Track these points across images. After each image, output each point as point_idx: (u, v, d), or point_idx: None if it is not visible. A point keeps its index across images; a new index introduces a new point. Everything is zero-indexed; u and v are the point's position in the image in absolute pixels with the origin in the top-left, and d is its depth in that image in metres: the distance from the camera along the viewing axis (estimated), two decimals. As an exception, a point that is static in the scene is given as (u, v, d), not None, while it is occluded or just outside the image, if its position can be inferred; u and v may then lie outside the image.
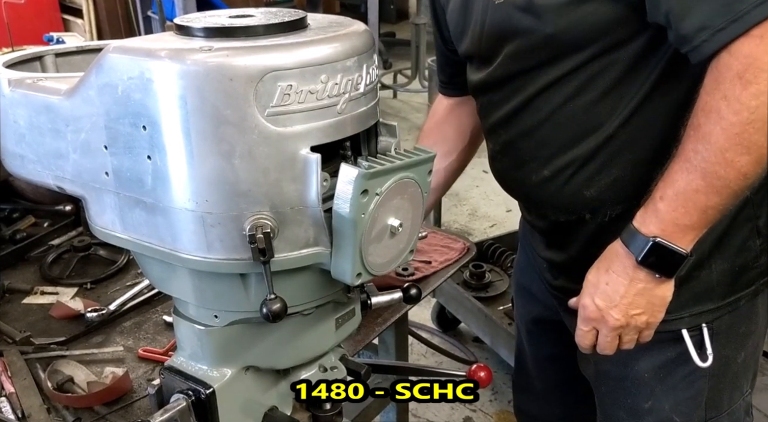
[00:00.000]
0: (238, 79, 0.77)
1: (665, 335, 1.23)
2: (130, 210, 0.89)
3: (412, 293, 1.06)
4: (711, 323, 1.22)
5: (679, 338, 1.23)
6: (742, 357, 1.28)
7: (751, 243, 1.21)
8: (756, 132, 0.96)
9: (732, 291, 1.22)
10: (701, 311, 1.22)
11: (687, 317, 1.22)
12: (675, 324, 1.22)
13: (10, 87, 0.94)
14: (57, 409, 1.30)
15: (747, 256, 1.21)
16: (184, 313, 0.96)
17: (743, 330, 1.27)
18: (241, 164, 0.80)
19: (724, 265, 1.20)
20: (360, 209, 0.82)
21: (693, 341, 1.22)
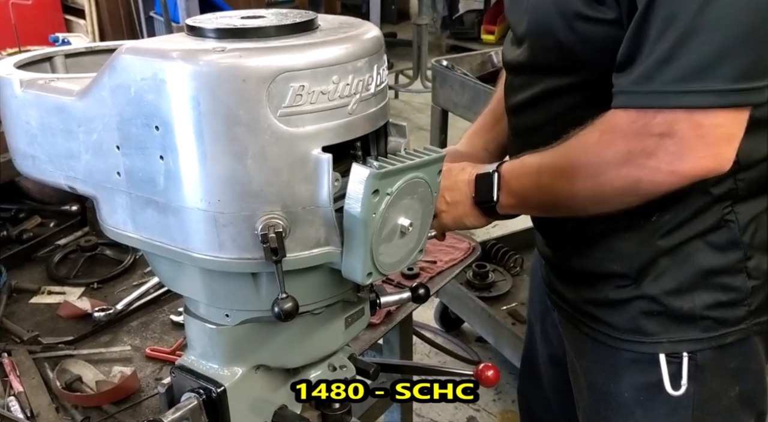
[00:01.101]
0: (250, 80, 0.77)
1: (645, 357, 1.22)
2: (142, 210, 0.89)
3: (420, 293, 1.07)
4: (693, 354, 1.20)
5: (656, 362, 1.21)
6: (737, 392, 1.24)
7: (739, 284, 1.18)
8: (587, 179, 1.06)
9: (717, 326, 1.19)
10: (682, 339, 1.20)
11: (666, 342, 1.20)
12: (653, 347, 1.21)
13: (22, 88, 0.95)
14: (66, 408, 1.31)
15: (733, 295, 1.18)
16: (195, 312, 0.97)
17: (735, 366, 1.23)
18: (254, 164, 0.80)
19: (707, 299, 1.18)
20: (371, 208, 0.82)
21: (669, 367, 1.21)
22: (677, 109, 0.95)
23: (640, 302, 1.21)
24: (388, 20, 8.25)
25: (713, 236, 1.16)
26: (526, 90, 1.25)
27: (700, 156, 0.97)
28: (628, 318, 1.22)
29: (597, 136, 1.05)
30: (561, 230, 1.29)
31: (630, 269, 1.20)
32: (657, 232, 1.17)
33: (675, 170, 0.98)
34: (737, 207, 1.16)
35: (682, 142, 0.96)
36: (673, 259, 1.17)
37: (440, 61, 2.95)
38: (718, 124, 0.96)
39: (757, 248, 1.18)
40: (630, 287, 1.21)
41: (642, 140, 0.99)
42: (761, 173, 1.15)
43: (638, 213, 1.15)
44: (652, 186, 1.02)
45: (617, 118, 1.02)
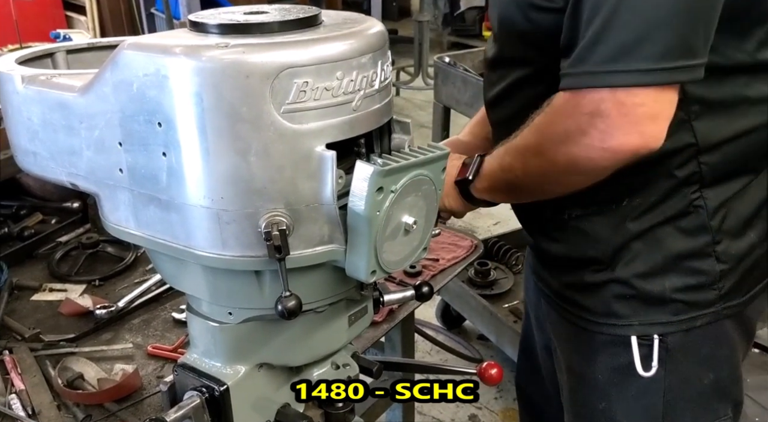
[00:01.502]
0: (254, 76, 0.77)
1: (617, 339, 1.25)
2: (144, 207, 0.88)
3: (424, 291, 1.06)
4: (664, 336, 1.22)
5: (628, 344, 1.24)
6: (711, 379, 1.26)
7: (708, 268, 1.20)
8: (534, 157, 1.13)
9: (687, 309, 1.21)
10: (653, 322, 1.22)
11: (637, 325, 1.23)
12: (625, 330, 1.24)
13: (24, 84, 0.94)
14: (67, 406, 1.31)
15: (703, 279, 1.21)
16: (198, 310, 0.96)
17: (708, 352, 1.25)
18: (257, 161, 0.79)
19: (677, 282, 1.20)
20: (375, 206, 0.82)
21: (640, 350, 1.23)
22: (602, 88, 1.00)
23: (613, 286, 1.23)
24: (389, 17, 8.24)
25: (683, 221, 1.19)
26: (499, 83, 1.30)
27: (627, 133, 1.01)
28: (602, 301, 1.25)
29: (543, 117, 1.11)
30: (539, 218, 1.33)
31: (604, 253, 1.23)
32: (628, 216, 1.20)
33: (606, 147, 1.02)
34: (705, 192, 1.18)
35: (608, 120, 1.01)
36: (645, 243, 1.20)
37: (442, 58, 2.94)
38: (639, 102, 1.00)
39: (726, 232, 1.20)
40: (605, 271, 1.24)
41: (575, 119, 1.04)
42: (725, 157, 1.17)
43: (610, 198, 1.20)
44: (588, 163, 1.06)
45: (557, 99, 1.08)
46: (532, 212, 1.35)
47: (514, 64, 1.25)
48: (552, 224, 1.29)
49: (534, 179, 1.17)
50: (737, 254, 1.21)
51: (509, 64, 1.26)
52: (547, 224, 1.31)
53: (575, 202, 1.23)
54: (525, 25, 1.16)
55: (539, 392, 1.74)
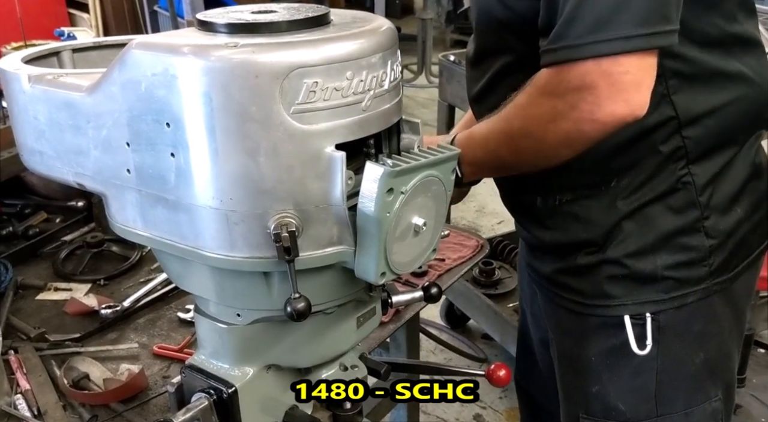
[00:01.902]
0: (264, 75, 0.76)
1: (610, 319, 1.26)
2: (152, 207, 0.88)
3: (432, 293, 1.06)
4: (656, 314, 1.23)
5: (622, 324, 1.25)
6: (702, 358, 1.28)
7: (697, 243, 1.22)
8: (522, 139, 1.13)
9: (678, 286, 1.23)
10: (645, 300, 1.24)
11: (630, 304, 1.24)
12: (618, 310, 1.25)
13: (30, 83, 0.94)
14: (73, 406, 1.30)
15: (693, 255, 1.22)
16: (206, 311, 0.96)
17: (699, 330, 1.27)
18: (266, 161, 0.79)
19: (668, 260, 1.22)
20: (385, 207, 0.81)
21: (634, 329, 1.25)
22: (587, 60, 1.01)
23: (605, 267, 1.24)
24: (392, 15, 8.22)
25: (672, 198, 1.20)
26: (482, 77, 1.31)
27: (614, 103, 1.02)
28: (594, 283, 1.26)
29: (526, 98, 1.11)
30: (529, 207, 1.33)
31: (596, 235, 1.24)
32: (618, 196, 1.21)
33: (596, 118, 1.04)
34: (693, 168, 1.19)
35: (596, 91, 1.02)
36: (635, 222, 1.21)
37: (447, 56, 2.93)
38: (624, 70, 1.01)
39: (714, 208, 1.21)
40: (597, 252, 1.25)
41: (563, 95, 1.05)
42: (707, 131, 1.18)
43: (599, 180, 1.21)
44: (580, 136, 1.07)
45: (541, 77, 1.08)
46: (521, 202, 1.36)
47: (495, 55, 1.26)
48: (542, 211, 1.30)
49: (524, 160, 1.18)
50: (725, 229, 1.23)
51: (491, 56, 1.27)
52: (538, 213, 1.31)
53: (564, 187, 1.24)
54: (503, 13, 1.18)
55: (538, 388, 1.75)
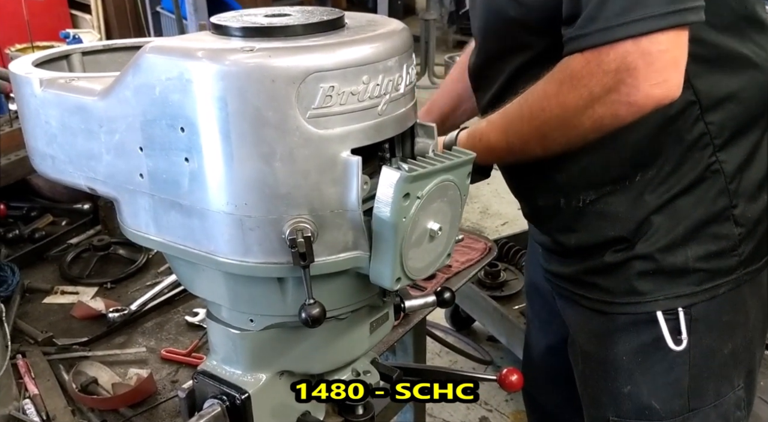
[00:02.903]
0: (280, 80, 0.75)
1: (641, 316, 1.25)
2: (165, 212, 0.87)
3: (446, 298, 1.05)
4: (688, 308, 1.22)
5: (654, 320, 1.24)
6: (730, 349, 1.27)
7: (727, 232, 1.21)
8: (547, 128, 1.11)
9: (710, 278, 1.22)
10: (677, 295, 1.22)
11: (662, 299, 1.23)
12: (650, 306, 1.23)
13: (42, 87, 0.93)
14: (82, 411, 1.29)
15: (724, 244, 1.22)
16: (218, 316, 0.95)
17: (728, 320, 1.26)
18: (282, 166, 0.78)
19: (699, 251, 1.21)
20: (401, 212, 0.80)
21: (668, 324, 1.23)
22: (625, 40, 1.00)
23: (635, 263, 1.23)
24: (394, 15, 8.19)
25: (701, 188, 1.19)
26: (494, 83, 1.29)
27: (653, 84, 1.01)
28: (623, 280, 1.24)
29: (556, 86, 1.08)
30: (552, 211, 1.31)
31: (626, 231, 1.22)
32: (645, 190, 1.20)
33: (632, 101, 1.02)
34: (721, 155, 1.18)
35: (636, 72, 1.01)
36: (665, 215, 1.20)
37: (453, 57, 2.93)
38: (664, 49, 1.01)
39: (742, 195, 1.21)
40: (626, 249, 1.23)
41: (600, 79, 1.03)
42: (730, 115, 1.18)
43: (623, 175, 1.20)
44: (615, 119, 1.06)
45: (572, 63, 1.06)
46: (542, 207, 1.34)
47: (510, 56, 1.24)
48: (566, 214, 1.28)
49: (553, 149, 1.15)
50: (753, 216, 1.22)
51: (505, 58, 1.25)
52: (562, 216, 1.29)
53: (587, 186, 1.23)
54: (518, 11, 1.17)
55: (546, 396, 1.74)
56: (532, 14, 1.15)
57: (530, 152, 1.17)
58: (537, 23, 1.16)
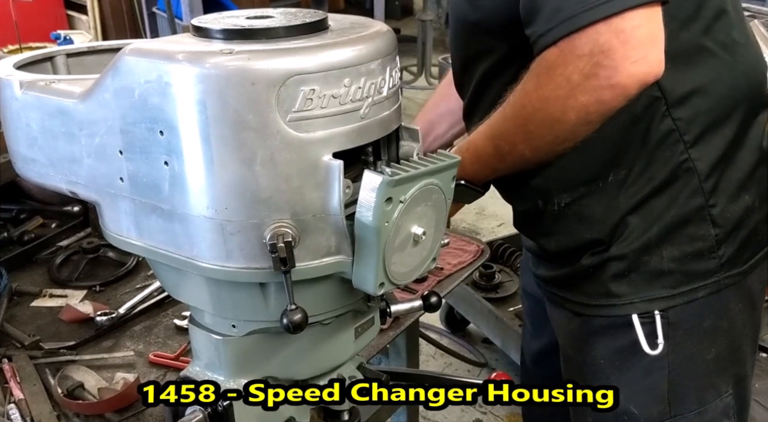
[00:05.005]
0: (260, 83, 0.74)
1: (617, 319, 1.22)
2: (146, 217, 0.86)
3: (432, 302, 1.04)
4: (665, 311, 1.20)
5: (630, 324, 1.22)
6: (713, 355, 1.24)
7: (704, 233, 1.18)
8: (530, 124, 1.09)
9: (687, 280, 1.20)
10: (653, 297, 1.20)
11: (637, 302, 1.21)
12: (625, 309, 1.21)
13: (22, 89, 0.92)
14: (67, 416, 1.28)
15: (700, 245, 1.19)
16: (201, 322, 0.94)
17: (709, 325, 1.23)
18: (263, 170, 0.77)
19: (674, 252, 1.19)
20: (384, 217, 0.79)
21: (643, 328, 1.21)
22: (597, 23, 0.97)
23: (611, 265, 1.21)
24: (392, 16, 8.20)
25: (674, 187, 1.17)
26: (469, 87, 1.28)
27: (633, 62, 0.98)
28: (599, 283, 1.23)
29: (534, 81, 1.06)
30: (532, 215, 1.29)
31: (602, 233, 1.21)
32: (618, 191, 1.18)
33: (614, 83, 0.99)
34: (692, 152, 1.16)
35: (611, 52, 0.98)
36: (640, 216, 1.18)
37: (447, 58, 2.92)
38: (637, 25, 0.98)
39: (721, 194, 1.18)
40: (602, 251, 1.22)
41: (576, 65, 1.00)
42: (698, 109, 1.15)
43: (594, 176, 1.18)
44: (600, 106, 1.03)
45: (547, 56, 1.03)
46: (524, 212, 1.32)
47: (476, 61, 1.23)
48: (545, 218, 1.27)
49: (544, 147, 1.12)
50: (733, 217, 1.19)
51: (473, 64, 1.25)
52: (541, 220, 1.28)
53: (562, 189, 1.21)
54: (474, 15, 1.17)
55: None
56: (490, 17, 1.15)
57: (518, 153, 1.14)
58: (495, 26, 1.14)
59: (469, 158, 1.17)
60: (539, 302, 1.52)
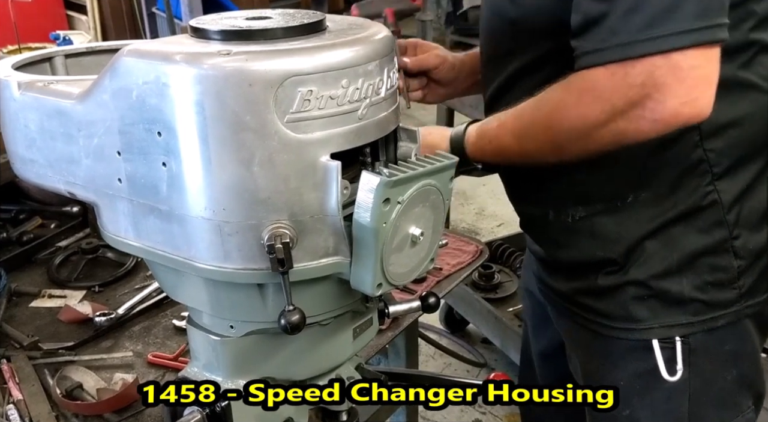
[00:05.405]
0: (257, 84, 0.74)
1: (637, 343, 1.21)
2: (144, 218, 0.86)
3: (430, 302, 1.03)
4: (686, 337, 1.18)
5: (650, 348, 1.20)
6: (734, 375, 1.23)
7: (726, 264, 1.17)
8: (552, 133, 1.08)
9: (708, 309, 1.18)
10: (673, 323, 1.19)
11: (657, 327, 1.19)
12: (645, 334, 1.20)
13: (21, 90, 0.92)
14: (66, 417, 1.28)
15: (722, 276, 1.17)
16: (199, 322, 0.94)
17: (730, 348, 1.22)
18: (261, 171, 0.77)
19: (696, 281, 1.17)
20: (381, 218, 0.79)
21: (663, 353, 1.19)
22: (655, 55, 0.95)
23: (629, 288, 1.19)
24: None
25: (697, 218, 1.15)
26: (494, 81, 1.26)
27: (682, 101, 0.97)
28: (618, 305, 1.21)
29: (576, 97, 1.03)
30: (541, 221, 1.28)
31: (615, 253, 1.19)
32: (637, 213, 1.16)
33: (658, 117, 0.98)
34: (719, 184, 1.14)
35: (664, 88, 0.96)
36: (659, 241, 1.17)
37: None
38: (695, 64, 0.96)
39: (743, 226, 1.16)
40: (618, 273, 1.20)
41: (624, 93, 0.98)
42: (730, 142, 1.13)
43: (613, 194, 1.16)
44: (637, 134, 1.02)
45: (594, 76, 1.00)
46: (532, 216, 1.31)
47: (509, 57, 1.21)
48: (555, 227, 1.25)
49: (567, 159, 1.10)
50: (755, 249, 1.18)
51: (505, 58, 1.22)
52: (551, 228, 1.27)
53: (577, 201, 1.20)
54: (515, 12, 1.14)
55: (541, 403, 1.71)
56: (531, 16, 1.12)
57: (544, 159, 1.13)
58: (536, 26, 1.12)
59: (492, 150, 1.16)
60: (541, 303, 1.51)
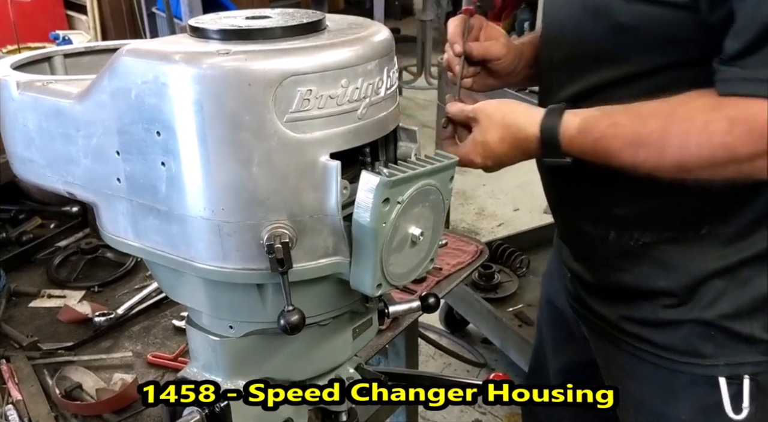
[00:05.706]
0: (256, 83, 0.74)
1: (703, 379, 1.16)
2: (143, 218, 0.86)
3: (430, 302, 1.03)
4: (755, 375, 1.13)
5: (715, 384, 1.15)
6: None
7: None
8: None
9: None
10: (742, 361, 1.14)
11: (723, 365, 1.15)
12: (711, 370, 1.15)
13: (19, 90, 0.92)
14: (65, 417, 1.28)
15: None
16: (198, 323, 0.94)
17: None
18: (260, 171, 0.77)
19: (766, 322, 1.12)
20: (381, 218, 0.79)
21: (730, 389, 1.14)
22: None
23: (693, 325, 1.14)
24: (392, 16, 8.21)
25: None
26: (573, 85, 1.14)
27: None
28: (681, 339, 1.16)
29: (726, 125, 0.92)
30: (598, 241, 1.20)
31: (678, 286, 1.14)
32: (709, 247, 1.10)
33: None
34: None
35: None
36: (730, 281, 1.12)
37: (446, 59, 2.91)
38: None
39: None
40: (681, 307, 1.15)
41: None
42: None
43: (686, 224, 1.10)
44: (752, 176, 0.93)
45: (753, 107, 0.89)
46: (588, 234, 1.21)
47: (594, 64, 1.09)
48: (613, 249, 1.17)
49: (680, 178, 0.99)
50: None
51: (585, 64, 1.10)
52: (608, 251, 1.18)
53: (646, 226, 1.12)
54: (627, 15, 1.01)
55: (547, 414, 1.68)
56: (647, 25, 0.99)
57: (654, 173, 1.00)
58: (650, 36, 1.00)
59: (596, 150, 1.03)
60: (565, 319, 1.44)
